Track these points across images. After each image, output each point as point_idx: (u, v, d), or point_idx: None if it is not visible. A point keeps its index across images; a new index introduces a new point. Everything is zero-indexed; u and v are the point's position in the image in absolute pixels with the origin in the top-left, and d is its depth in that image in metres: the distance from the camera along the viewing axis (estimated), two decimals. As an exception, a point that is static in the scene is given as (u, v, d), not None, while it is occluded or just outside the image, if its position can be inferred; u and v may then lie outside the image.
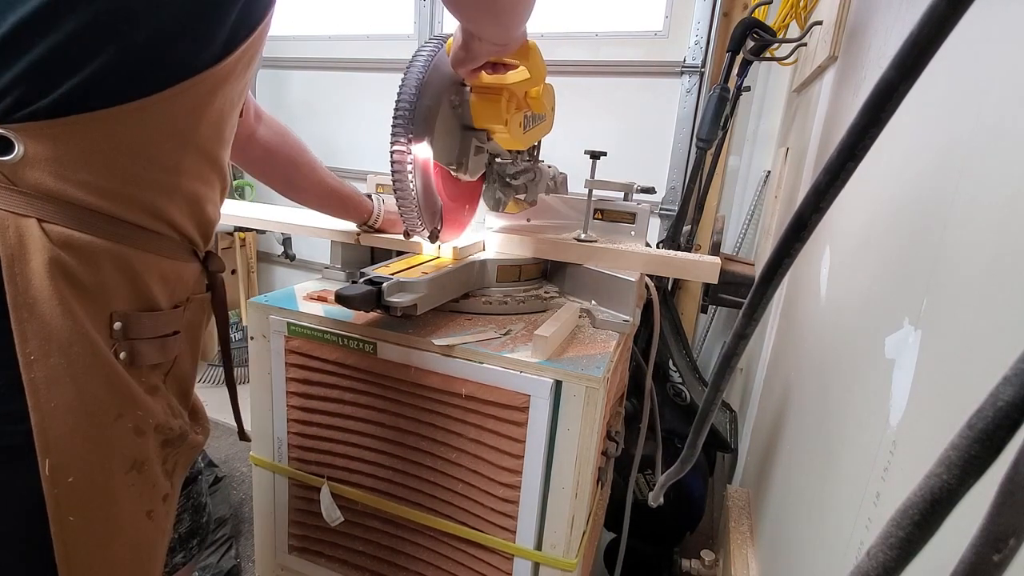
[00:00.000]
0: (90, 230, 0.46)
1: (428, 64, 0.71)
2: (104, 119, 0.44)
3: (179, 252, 0.54)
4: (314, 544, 0.92)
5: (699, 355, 1.99)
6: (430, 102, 0.71)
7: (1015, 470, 0.16)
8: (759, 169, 1.91)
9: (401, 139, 0.70)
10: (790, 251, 0.23)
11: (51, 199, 0.44)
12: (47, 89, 0.42)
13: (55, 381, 0.43)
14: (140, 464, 0.51)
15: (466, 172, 0.79)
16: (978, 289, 0.39)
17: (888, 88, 0.20)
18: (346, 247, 1.00)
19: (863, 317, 0.64)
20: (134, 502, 0.52)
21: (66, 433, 0.44)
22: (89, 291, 0.46)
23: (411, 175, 0.72)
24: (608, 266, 0.90)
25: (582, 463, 0.72)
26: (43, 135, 0.43)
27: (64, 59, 0.42)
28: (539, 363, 0.70)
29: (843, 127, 0.20)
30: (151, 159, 0.48)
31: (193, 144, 0.51)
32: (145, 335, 0.51)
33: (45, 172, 0.43)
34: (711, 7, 1.78)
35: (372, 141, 2.41)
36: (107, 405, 0.47)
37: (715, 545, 1.38)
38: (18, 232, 0.42)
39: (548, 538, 0.75)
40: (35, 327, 0.42)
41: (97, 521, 0.48)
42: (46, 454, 0.43)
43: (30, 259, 0.42)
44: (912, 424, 0.45)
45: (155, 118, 0.46)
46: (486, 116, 0.76)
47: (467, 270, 0.86)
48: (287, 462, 0.88)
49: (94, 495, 0.47)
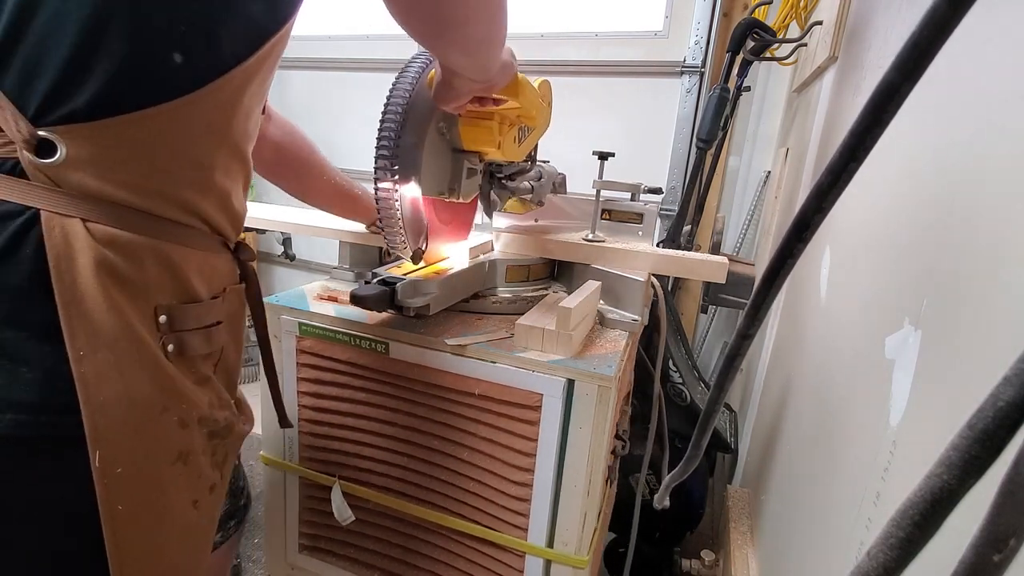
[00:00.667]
0: (131, 228, 0.47)
1: (410, 91, 0.66)
2: (141, 120, 0.45)
3: (212, 244, 0.56)
4: (325, 543, 0.93)
5: (699, 355, 1.99)
6: (414, 136, 0.66)
7: (1015, 470, 0.16)
8: (759, 169, 1.91)
9: (385, 177, 0.66)
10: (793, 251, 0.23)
11: (93, 199, 0.45)
12: (85, 90, 0.43)
13: (103, 376, 0.45)
14: (186, 456, 0.53)
15: (458, 196, 0.76)
16: (978, 289, 0.39)
17: (889, 89, 0.20)
18: (355, 247, 1.00)
19: (863, 317, 0.64)
20: (180, 492, 0.53)
21: (114, 426, 0.46)
22: (134, 287, 0.47)
23: (398, 211, 0.68)
24: (616, 266, 0.90)
25: (594, 461, 0.72)
26: (83, 137, 0.44)
27: (101, 60, 0.43)
28: (551, 362, 0.70)
29: (843, 127, 0.20)
30: (186, 156, 0.49)
31: (225, 140, 0.52)
32: (190, 326, 0.53)
33: (87, 173, 0.44)
34: (711, 7, 1.78)
35: (372, 141, 2.41)
36: (152, 399, 0.49)
37: (715, 545, 1.38)
38: (64, 232, 0.43)
39: (560, 535, 0.76)
40: (83, 324, 0.44)
41: (144, 510, 0.49)
42: (96, 445, 0.45)
43: (77, 258, 0.44)
44: (912, 424, 0.45)
45: (190, 116, 0.47)
46: (477, 140, 0.73)
47: (477, 270, 0.87)
48: (298, 461, 0.89)
49: (141, 485, 0.49)
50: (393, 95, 0.66)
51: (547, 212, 1.06)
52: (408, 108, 0.66)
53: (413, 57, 0.69)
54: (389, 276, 0.74)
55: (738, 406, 1.68)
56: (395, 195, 0.67)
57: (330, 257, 2.85)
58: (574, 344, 0.73)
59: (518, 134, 0.79)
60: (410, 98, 0.66)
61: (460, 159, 0.75)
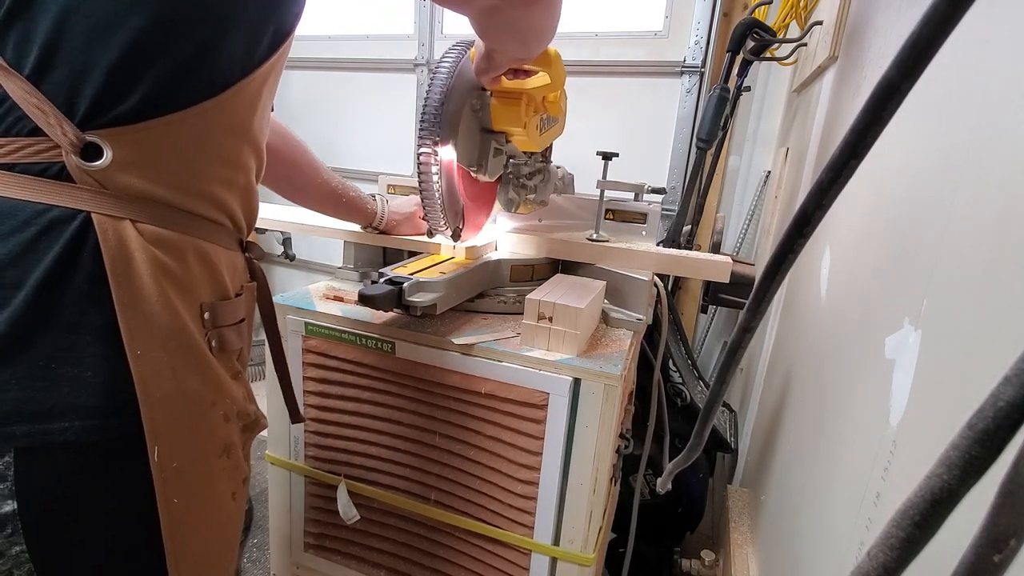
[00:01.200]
0: (174, 226, 0.48)
1: (453, 71, 0.73)
2: (181, 120, 0.46)
3: (232, 241, 0.57)
4: (330, 542, 0.93)
5: (699, 355, 1.99)
6: (454, 107, 0.74)
7: (1015, 470, 0.16)
8: (759, 169, 1.91)
9: (427, 142, 0.73)
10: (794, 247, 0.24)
11: (140, 200, 0.46)
12: (131, 95, 0.44)
13: (158, 374, 0.46)
14: (229, 448, 0.55)
15: (485, 173, 0.81)
16: (978, 289, 0.39)
17: (890, 87, 0.20)
18: (359, 247, 1.01)
19: (863, 317, 0.64)
20: (224, 484, 0.55)
21: (170, 422, 0.47)
22: (184, 285, 0.49)
23: (436, 176, 0.74)
24: (620, 266, 0.91)
25: (600, 459, 0.73)
26: (128, 139, 0.44)
27: (147, 66, 0.44)
28: (557, 361, 0.71)
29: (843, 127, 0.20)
30: (216, 153, 0.51)
31: (247, 136, 0.53)
32: (228, 322, 0.55)
33: (132, 175, 0.45)
34: (711, 7, 1.78)
35: (372, 141, 2.42)
36: (202, 394, 0.50)
37: (715, 545, 1.38)
38: (117, 235, 0.44)
39: (566, 533, 0.76)
40: (140, 324, 0.45)
41: (197, 503, 0.51)
42: (155, 442, 0.46)
43: (132, 259, 0.45)
44: (912, 424, 0.45)
45: (221, 115, 0.49)
46: (506, 119, 0.78)
47: (482, 270, 0.88)
48: (304, 460, 0.89)
49: (195, 479, 0.51)
50: (439, 69, 0.74)
51: (551, 212, 1.06)
52: (451, 83, 0.73)
53: (451, 47, 0.76)
54: (396, 276, 0.75)
55: (738, 406, 1.68)
56: (434, 160, 0.73)
57: (330, 257, 2.86)
58: (580, 343, 0.73)
59: (540, 123, 0.83)
60: (454, 75, 0.73)
61: (488, 139, 0.81)
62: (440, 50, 2.19)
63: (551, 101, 0.81)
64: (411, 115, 2.30)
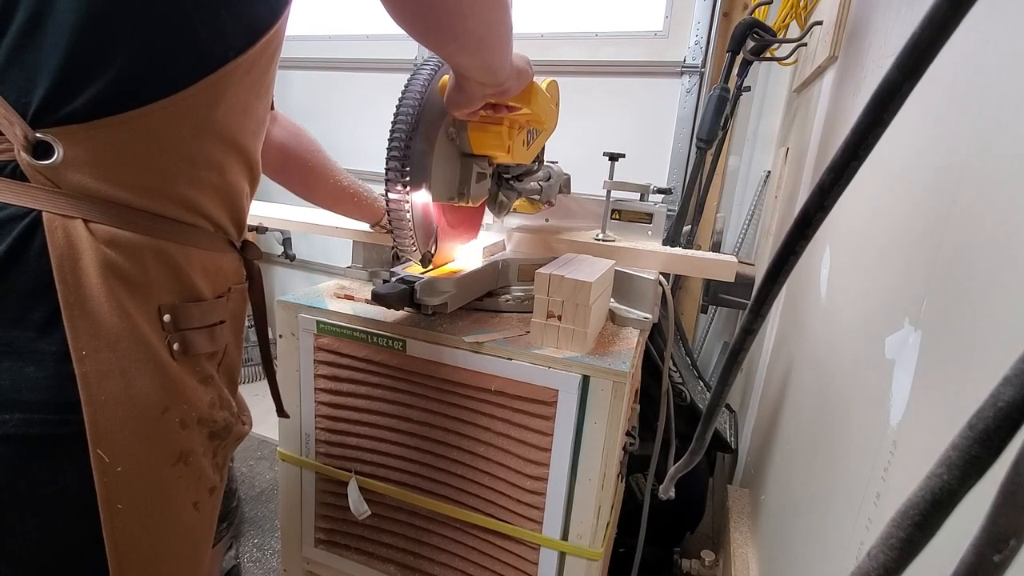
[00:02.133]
0: (132, 227, 0.47)
1: (421, 98, 0.65)
2: (136, 119, 0.45)
3: (216, 243, 0.56)
4: (341, 537, 0.94)
5: (699, 355, 1.99)
6: (424, 142, 0.67)
7: (1016, 470, 0.16)
8: (759, 169, 1.91)
9: (396, 186, 0.66)
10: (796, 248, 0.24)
11: (93, 199, 0.45)
12: (83, 93, 0.43)
13: (105, 375, 0.45)
14: (186, 456, 0.53)
15: (468, 200, 0.77)
16: (978, 289, 0.39)
17: (891, 88, 0.20)
18: (368, 247, 1.02)
19: (863, 317, 0.64)
20: (181, 493, 0.53)
21: (115, 425, 0.46)
22: (137, 286, 0.48)
23: (408, 217, 0.68)
24: (627, 265, 0.92)
25: (608, 455, 0.74)
26: (80, 138, 0.44)
27: (99, 63, 0.43)
28: (567, 359, 0.72)
29: (844, 127, 0.20)
30: (181, 154, 0.49)
31: (222, 136, 0.52)
32: (194, 325, 0.53)
33: (85, 174, 0.45)
34: (711, 7, 1.78)
35: (372, 141, 2.42)
36: (154, 399, 0.49)
37: (715, 545, 1.38)
38: (66, 233, 0.44)
39: (574, 528, 0.77)
40: (86, 324, 0.44)
41: (144, 510, 0.50)
42: (97, 444, 0.45)
43: (80, 258, 0.44)
44: (912, 424, 0.45)
45: (183, 113, 0.47)
46: (486, 145, 0.73)
47: (491, 270, 0.89)
48: (315, 457, 0.90)
49: (141, 485, 0.49)
50: (404, 101, 0.66)
51: (557, 212, 1.07)
52: (419, 114, 0.65)
53: (424, 62, 0.69)
54: (408, 275, 0.76)
55: (738, 406, 1.68)
56: (406, 203, 0.67)
57: (330, 257, 2.86)
58: (588, 341, 0.74)
59: (527, 137, 0.80)
60: (421, 104, 0.66)
61: (470, 163, 0.76)
62: (440, 50, 2.19)
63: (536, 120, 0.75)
64: (411, 115, 2.30)
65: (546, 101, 0.71)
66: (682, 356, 1.34)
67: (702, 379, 1.46)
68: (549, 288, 0.74)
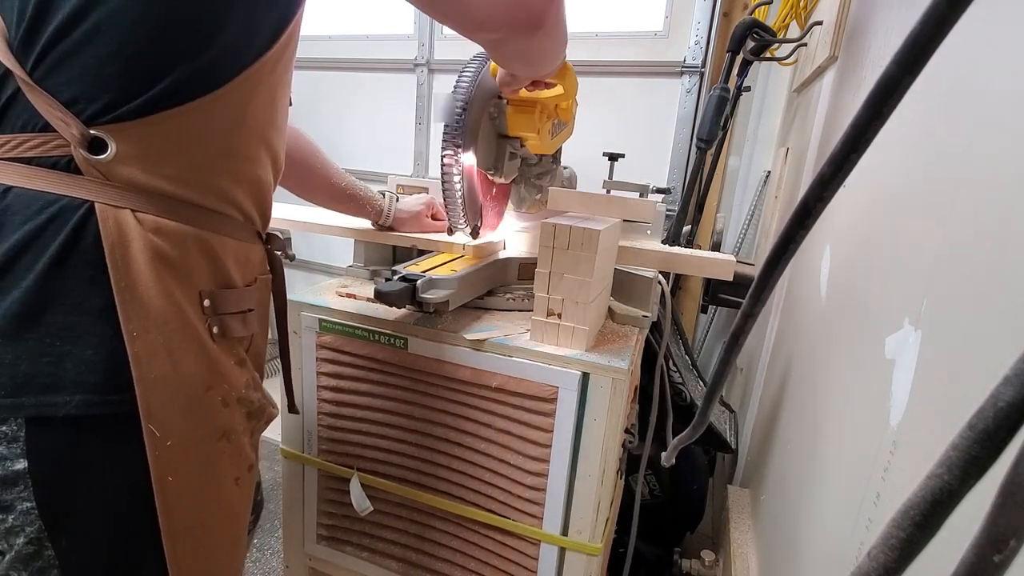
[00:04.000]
0: (176, 217, 0.50)
1: (474, 80, 0.79)
2: (180, 115, 0.48)
3: (246, 234, 0.59)
4: (343, 533, 0.95)
5: (699, 355, 1.99)
6: (474, 115, 0.80)
7: (1016, 470, 0.16)
8: (759, 169, 1.91)
9: (450, 148, 0.79)
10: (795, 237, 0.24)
11: (141, 191, 0.48)
12: (139, 94, 0.46)
13: (154, 355, 0.48)
14: (228, 433, 0.56)
15: (501, 175, 0.87)
16: (978, 289, 0.39)
17: (890, 83, 0.20)
18: (369, 246, 1.03)
19: (863, 317, 0.64)
20: (225, 469, 0.57)
21: (165, 402, 0.49)
22: (181, 272, 0.51)
23: (458, 178, 0.80)
24: (627, 263, 0.92)
25: (607, 451, 0.74)
26: (131, 134, 0.47)
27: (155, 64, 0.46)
28: (567, 356, 0.73)
29: (843, 127, 0.21)
30: (219, 147, 0.52)
31: (253, 128, 0.55)
32: (230, 310, 0.56)
33: (134, 167, 0.48)
34: (711, 7, 1.78)
35: (372, 141, 2.42)
36: (198, 378, 0.52)
37: (715, 545, 1.38)
38: (117, 222, 0.47)
39: (574, 524, 0.78)
40: (136, 306, 0.47)
41: (193, 482, 0.53)
42: (148, 420, 0.48)
43: (129, 246, 0.47)
44: (912, 424, 0.45)
45: (222, 109, 0.50)
46: (521, 126, 0.84)
47: (492, 267, 0.90)
48: (317, 453, 0.91)
49: (190, 459, 0.52)
50: (461, 82, 0.79)
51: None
52: (472, 94, 0.78)
53: (472, 58, 0.82)
54: (410, 273, 0.77)
55: (738, 406, 1.68)
56: (456, 168, 0.79)
57: (329, 257, 2.86)
58: (588, 339, 0.75)
59: (552, 128, 0.88)
60: (474, 85, 0.79)
61: (504, 144, 0.87)
62: (440, 50, 2.19)
63: (563, 108, 0.86)
64: (411, 115, 2.30)
65: (574, 79, 0.81)
66: (682, 356, 1.34)
67: (702, 379, 1.46)
68: (549, 286, 0.74)
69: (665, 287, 1.00)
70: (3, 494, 0.46)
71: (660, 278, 0.99)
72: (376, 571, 0.93)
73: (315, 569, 0.98)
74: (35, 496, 0.46)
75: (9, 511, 0.46)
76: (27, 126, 0.46)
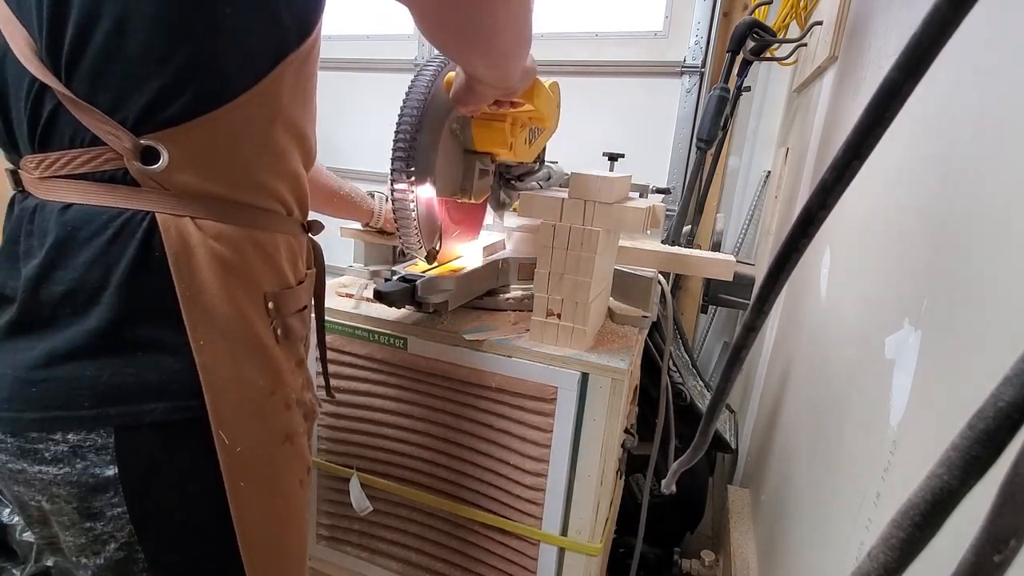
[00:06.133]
0: (231, 220, 0.50)
1: (427, 94, 0.67)
2: (224, 115, 0.47)
3: (292, 227, 0.58)
4: (343, 533, 0.95)
5: (699, 355, 1.99)
6: (429, 137, 0.68)
7: (1015, 470, 0.16)
8: (759, 169, 1.91)
9: (401, 178, 0.67)
10: (798, 246, 0.24)
11: (196, 197, 0.48)
12: (178, 97, 0.45)
13: (220, 362, 0.49)
14: (291, 436, 0.56)
15: (471, 197, 0.78)
16: (978, 289, 0.39)
17: (892, 88, 0.20)
18: (369, 246, 1.02)
19: (863, 317, 0.64)
20: (291, 472, 0.57)
21: (232, 408, 0.50)
22: (244, 277, 0.50)
23: (413, 210, 0.69)
24: (627, 263, 0.92)
25: (607, 451, 0.74)
26: (180, 139, 0.46)
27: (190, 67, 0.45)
28: (566, 356, 0.73)
29: (844, 127, 0.21)
30: (258, 143, 0.51)
31: (289, 122, 0.54)
32: (292, 310, 0.56)
33: (188, 173, 0.47)
34: (711, 7, 1.78)
35: (372, 141, 2.41)
36: (262, 383, 0.52)
37: (715, 545, 1.38)
38: (178, 231, 0.47)
39: (574, 524, 0.78)
40: (201, 315, 0.47)
41: (263, 487, 0.53)
42: (219, 426, 0.49)
43: (193, 254, 0.47)
44: (912, 424, 0.45)
45: (261, 103, 0.50)
46: (489, 141, 0.74)
47: (492, 268, 0.89)
48: (316, 453, 0.91)
49: (258, 464, 0.53)
50: (410, 96, 0.67)
51: None
52: (425, 109, 0.67)
53: (429, 60, 0.71)
54: (410, 274, 0.76)
55: (738, 406, 1.68)
56: (410, 196, 0.68)
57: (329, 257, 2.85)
58: (588, 339, 0.75)
59: (529, 135, 0.81)
60: (427, 99, 0.67)
61: (472, 160, 0.77)
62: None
63: (538, 117, 0.76)
64: (411, 115, 2.30)
65: (549, 98, 0.71)
66: (682, 356, 1.34)
67: (702, 379, 1.46)
68: (548, 286, 0.74)
69: (665, 287, 1.00)
70: (93, 502, 0.46)
71: (660, 278, 0.99)
72: (376, 571, 0.93)
73: (315, 569, 0.98)
74: (126, 500, 0.47)
75: (98, 519, 0.47)
76: (75, 141, 0.46)
